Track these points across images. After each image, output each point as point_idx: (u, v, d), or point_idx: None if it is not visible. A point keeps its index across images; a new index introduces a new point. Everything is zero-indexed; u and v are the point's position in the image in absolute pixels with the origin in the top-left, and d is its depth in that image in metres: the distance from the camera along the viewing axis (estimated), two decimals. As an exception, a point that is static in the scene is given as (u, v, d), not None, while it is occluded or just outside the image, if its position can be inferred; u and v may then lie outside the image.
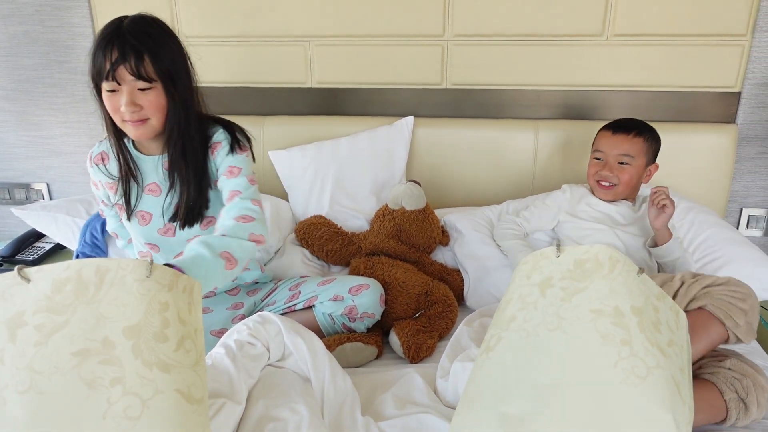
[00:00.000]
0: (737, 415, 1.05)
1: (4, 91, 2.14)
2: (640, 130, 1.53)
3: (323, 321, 1.42)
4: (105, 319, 0.72)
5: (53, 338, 0.70)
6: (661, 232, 1.43)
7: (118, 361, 0.70)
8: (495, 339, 0.93)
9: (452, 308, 1.50)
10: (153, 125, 1.19)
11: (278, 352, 1.11)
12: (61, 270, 0.75)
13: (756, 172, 1.93)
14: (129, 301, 0.73)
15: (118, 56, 1.10)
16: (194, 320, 0.79)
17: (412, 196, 1.65)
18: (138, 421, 0.68)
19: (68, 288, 0.74)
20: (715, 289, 1.13)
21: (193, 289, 0.81)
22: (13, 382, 0.68)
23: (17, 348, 0.70)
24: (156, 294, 0.75)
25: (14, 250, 1.97)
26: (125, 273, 0.75)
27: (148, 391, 0.69)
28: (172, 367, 0.72)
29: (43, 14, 2.03)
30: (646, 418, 0.78)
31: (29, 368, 0.69)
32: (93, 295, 0.73)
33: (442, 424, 1.03)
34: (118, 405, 0.68)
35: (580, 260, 0.94)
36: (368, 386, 1.20)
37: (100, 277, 0.75)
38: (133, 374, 0.70)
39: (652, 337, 0.85)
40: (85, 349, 0.70)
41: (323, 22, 1.94)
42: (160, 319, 0.74)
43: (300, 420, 0.94)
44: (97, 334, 0.71)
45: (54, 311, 0.72)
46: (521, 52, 1.89)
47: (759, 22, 1.75)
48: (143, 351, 0.71)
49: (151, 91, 1.15)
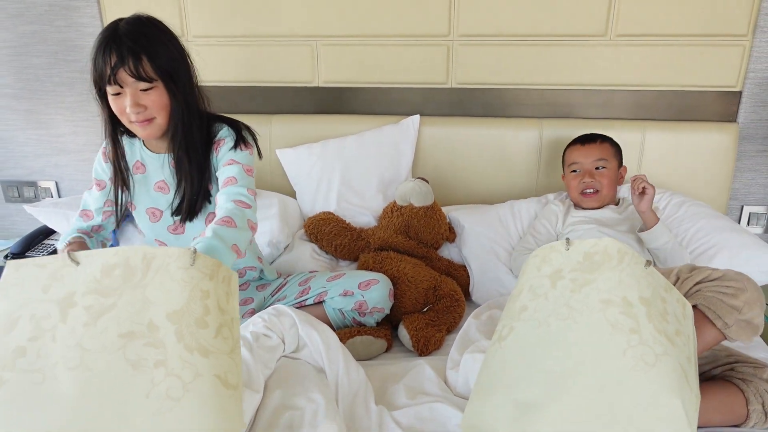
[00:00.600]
0: (755, 423, 1.04)
1: (13, 90, 2.16)
2: (603, 138, 1.66)
3: (333, 316, 1.44)
4: (150, 304, 0.75)
5: (101, 319, 0.74)
6: (647, 215, 1.48)
7: (162, 344, 0.73)
8: (507, 329, 0.95)
9: (460, 303, 1.53)
10: (159, 124, 1.21)
11: (293, 344, 1.14)
12: (110, 255, 0.78)
13: (757, 170, 1.96)
14: (173, 288, 0.76)
15: (117, 60, 1.12)
16: (231, 309, 0.82)
17: (420, 193, 1.68)
18: (179, 401, 0.71)
19: (116, 272, 0.77)
20: (707, 286, 1.07)
21: (231, 280, 0.83)
22: (64, 359, 0.72)
23: (68, 327, 0.74)
24: (198, 282, 0.78)
25: (24, 247, 1.99)
26: (170, 261, 0.78)
27: (189, 374, 0.72)
28: (211, 352, 0.75)
29: (53, 14, 2.05)
30: (656, 404, 0.80)
31: (79, 346, 0.72)
32: (139, 280, 0.76)
33: (454, 412, 1.05)
34: (162, 386, 0.71)
35: (590, 253, 0.97)
36: (379, 378, 1.22)
37: (146, 263, 0.78)
38: (175, 357, 0.73)
39: (660, 326, 0.87)
40: (131, 331, 0.74)
41: (330, 22, 1.96)
42: (202, 306, 0.77)
43: (316, 408, 0.96)
44: (142, 318, 0.74)
45: (102, 294, 0.76)
46: (526, 52, 1.92)
47: (760, 23, 1.78)
48: (185, 336, 0.74)
49: (153, 90, 1.17)
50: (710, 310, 1.04)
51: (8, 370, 0.72)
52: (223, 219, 1.11)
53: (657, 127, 1.88)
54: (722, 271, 1.09)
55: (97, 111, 2.12)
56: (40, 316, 0.75)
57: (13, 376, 0.72)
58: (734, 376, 1.09)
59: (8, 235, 2.37)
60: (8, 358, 0.73)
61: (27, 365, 0.72)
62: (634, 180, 1.49)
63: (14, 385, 0.71)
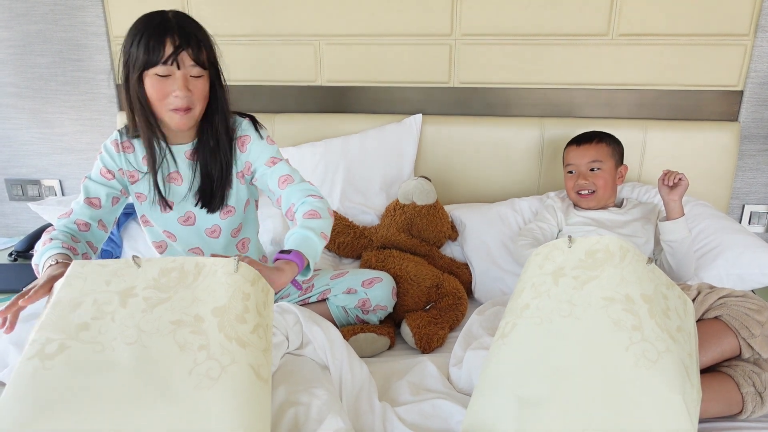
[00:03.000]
0: (753, 407, 1.06)
1: (18, 88, 2.17)
2: (601, 137, 1.64)
3: (337, 313, 1.45)
4: (198, 301, 0.88)
5: (157, 308, 0.87)
6: (676, 205, 1.46)
7: (205, 333, 0.85)
8: (510, 326, 0.96)
9: (462, 301, 1.54)
10: (194, 115, 1.23)
11: (297, 341, 1.15)
12: (168, 261, 0.93)
13: (758, 169, 1.96)
14: (218, 289, 0.89)
15: (180, 42, 1.14)
16: (267, 316, 0.93)
17: (423, 192, 1.69)
18: (217, 381, 0.80)
19: (173, 275, 0.91)
20: (732, 300, 1.15)
21: (268, 292, 0.96)
22: (122, 336, 0.84)
23: (127, 311, 0.86)
24: (241, 285, 0.90)
25: (28, 245, 2.00)
26: (217, 268, 0.92)
27: (226, 359, 0.82)
28: (247, 344, 0.85)
29: (57, 13, 2.06)
30: (657, 400, 0.81)
31: (137, 327, 0.85)
32: (191, 282, 0.90)
33: (457, 408, 1.06)
34: (203, 366, 0.82)
35: (592, 250, 0.98)
36: (382, 375, 1.23)
37: (198, 269, 0.92)
38: (216, 344, 0.84)
39: (662, 323, 0.88)
40: (181, 320, 0.86)
41: (333, 22, 1.97)
42: (242, 305, 0.89)
43: (321, 404, 0.97)
44: (191, 311, 0.87)
45: (159, 290, 0.89)
46: (528, 52, 1.93)
47: (761, 22, 1.79)
48: (226, 327, 0.85)
49: (201, 79, 1.20)
50: (737, 320, 1.11)
51: (71, 339, 0.82)
52: (310, 212, 1.21)
53: (659, 126, 1.89)
54: (743, 291, 1.17)
55: (101, 109, 2.17)
56: (102, 301, 0.87)
57: (75, 344, 0.82)
58: (720, 367, 1.12)
59: (12, 233, 2.38)
60: (72, 330, 0.83)
61: (89, 338, 0.83)
62: (666, 174, 1.47)
63: (76, 351, 0.81)
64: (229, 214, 1.35)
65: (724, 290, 1.19)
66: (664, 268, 1.53)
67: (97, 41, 2.08)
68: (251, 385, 0.82)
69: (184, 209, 1.34)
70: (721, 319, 1.14)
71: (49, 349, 0.81)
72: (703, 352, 1.10)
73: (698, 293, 1.20)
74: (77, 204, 1.28)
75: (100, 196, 1.29)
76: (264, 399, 0.84)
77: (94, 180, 1.30)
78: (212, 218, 1.35)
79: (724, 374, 1.10)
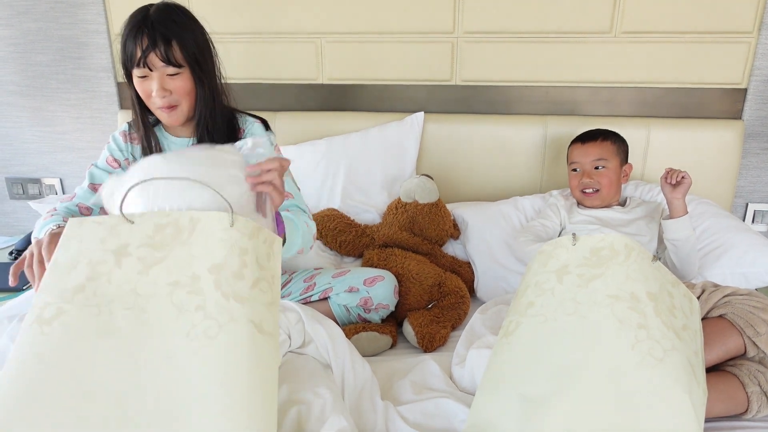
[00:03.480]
0: (758, 407, 1.05)
1: (18, 87, 2.17)
2: (605, 135, 1.63)
3: (339, 312, 1.45)
4: (194, 258, 0.86)
5: (153, 269, 0.85)
6: (679, 203, 1.45)
7: (202, 291, 0.83)
8: (514, 324, 0.95)
9: (464, 299, 1.53)
10: (183, 110, 1.24)
11: (299, 340, 1.14)
12: (162, 216, 0.89)
13: (762, 167, 1.95)
14: (214, 245, 0.87)
15: (148, 43, 1.15)
16: (272, 267, 0.90)
17: (425, 190, 1.68)
18: (215, 339, 0.79)
19: (167, 231, 0.88)
20: (737, 298, 1.14)
21: (273, 242, 0.93)
22: (120, 300, 0.82)
23: (122, 272, 0.84)
24: (237, 240, 0.87)
25: (28, 243, 1.99)
26: (213, 222, 0.89)
27: (224, 317, 0.81)
28: (246, 300, 0.83)
29: (58, 11, 2.06)
30: (664, 398, 0.80)
31: (133, 291, 0.83)
32: (186, 238, 0.87)
33: (460, 407, 1.05)
34: (200, 326, 0.80)
35: (596, 248, 0.97)
36: (385, 373, 1.22)
37: (193, 224, 0.88)
38: (212, 303, 0.82)
39: (668, 321, 0.87)
40: (177, 281, 0.84)
41: (334, 19, 1.97)
42: (239, 260, 0.86)
43: (324, 403, 0.96)
44: (187, 270, 0.85)
45: (154, 248, 0.86)
46: (530, 49, 1.92)
47: (765, 19, 1.78)
48: (223, 285, 0.83)
49: (180, 76, 1.20)
50: (742, 319, 1.10)
51: (67, 303, 0.82)
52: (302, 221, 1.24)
53: (662, 124, 1.88)
54: (748, 290, 1.17)
55: (102, 107, 2.16)
56: (97, 261, 0.85)
57: (72, 308, 0.81)
58: (725, 365, 1.12)
59: (13, 231, 2.37)
60: (68, 293, 0.82)
61: (85, 300, 0.82)
62: (669, 173, 1.47)
63: (73, 315, 0.81)
64: None
65: (729, 288, 1.18)
66: (668, 267, 1.52)
67: (98, 39, 2.08)
68: (251, 340, 0.80)
69: None
70: (726, 318, 1.13)
71: (46, 314, 0.81)
72: (708, 351, 1.09)
73: (702, 291, 1.20)
74: (81, 189, 1.31)
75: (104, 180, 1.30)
76: (268, 352, 0.82)
77: (99, 167, 1.33)
78: None
79: (729, 373, 1.09)
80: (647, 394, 0.81)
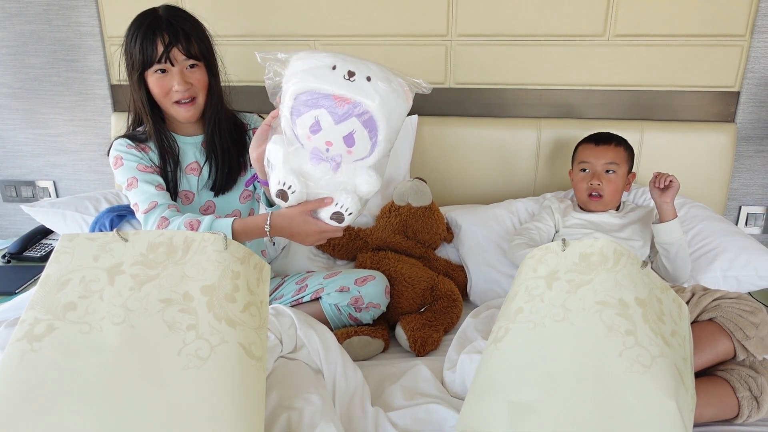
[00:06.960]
0: (749, 412, 1.06)
1: (11, 89, 2.16)
2: (619, 140, 1.62)
3: (330, 312, 1.44)
4: (187, 278, 0.87)
5: (145, 286, 0.85)
6: (668, 207, 1.46)
7: (194, 311, 0.84)
8: (503, 330, 0.95)
9: (457, 303, 1.53)
10: (199, 104, 1.31)
11: (291, 344, 1.14)
12: (156, 235, 0.90)
13: (754, 170, 1.96)
14: (208, 266, 0.88)
15: (170, 39, 1.22)
16: (261, 293, 0.92)
17: (419, 193, 1.68)
18: (206, 361, 0.80)
19: (161, 250, 0.89)
20: (726, 302, 1.15)
21: (263, 268, 0.94)
22: (110, 315, 0.82)
23: (115, 289, 0.84)
24: (230, 264, 0.89)
25: (21, 246, 1.99)
26: (207, 244, 0.90)
27: (216, 339, 0.82)
28: (237, 324, 0.84)
29: (51, 13, 2.05)
30: (651, 405, 0.80)
31: (124, 306, 0.83)
32: (180, 258, 0.88)
33: (450, 413, 1.06)
34: (191, 346, 0.81)
35: (586, 254, 0.97)
36: (376, 378, 1.22)
37: (187, 244, 0.90)
38: (205, 324, 0.83)
39: (656, 327, 0.87)
40: (170, 298, 0.84)
41: (328, 22, 1.96)
42: (232, 284, 0.87)
43: (314, 410, 0.96)
44: (180, 289, 0.85)
45: (147, 266, 0.87)
46: (524, 52, 1.92)
47: (758, 23, 1.79)
48: (215, 306, 0.84)
49: (198, 69, 1.28)
50: (732, 322, 1.11)
51: (59, 320, 0.81)
52: None
53: (655, 127, 1.89)
54: (737, 293, 1.18)
55: (95, 109, 2.15)
56: (90, 279, 0.85)
57: (62, 325, 0.81)
58: (716, 370, 1.12)
59: (6, 234, 2.37)
60: (59, 311, 0.82)
61: (76, 318, 0.82)
62: (657, 177, 1.47)
63: (63, 332, 0.80)
64: (248, 198, 1.47)
65: (718, 292, 1.19)
66: (660, 271, 1.52)
67: (91, 41, 2.07)
68: (241, 364, 0.81)
69: (204, 198, 1.40)
70: (716, 321, 1.14)
71: (37, 330, 0.80)
72: (698, 355, 1.10)
73: (692, 295, 1.20)
74: (154, 195, 1.26)
75: (159, 181, 1.32)
76: (255, 377, 0.83)
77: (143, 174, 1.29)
78: (232, 203, 1.42)
79: (720, 378, 1.10)
80: (634, 401, 0.81)
